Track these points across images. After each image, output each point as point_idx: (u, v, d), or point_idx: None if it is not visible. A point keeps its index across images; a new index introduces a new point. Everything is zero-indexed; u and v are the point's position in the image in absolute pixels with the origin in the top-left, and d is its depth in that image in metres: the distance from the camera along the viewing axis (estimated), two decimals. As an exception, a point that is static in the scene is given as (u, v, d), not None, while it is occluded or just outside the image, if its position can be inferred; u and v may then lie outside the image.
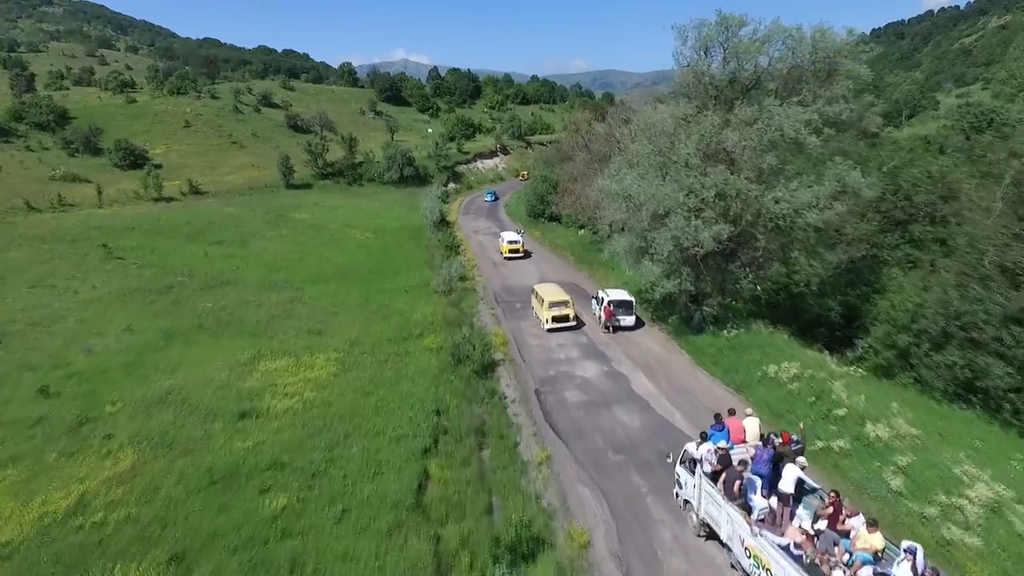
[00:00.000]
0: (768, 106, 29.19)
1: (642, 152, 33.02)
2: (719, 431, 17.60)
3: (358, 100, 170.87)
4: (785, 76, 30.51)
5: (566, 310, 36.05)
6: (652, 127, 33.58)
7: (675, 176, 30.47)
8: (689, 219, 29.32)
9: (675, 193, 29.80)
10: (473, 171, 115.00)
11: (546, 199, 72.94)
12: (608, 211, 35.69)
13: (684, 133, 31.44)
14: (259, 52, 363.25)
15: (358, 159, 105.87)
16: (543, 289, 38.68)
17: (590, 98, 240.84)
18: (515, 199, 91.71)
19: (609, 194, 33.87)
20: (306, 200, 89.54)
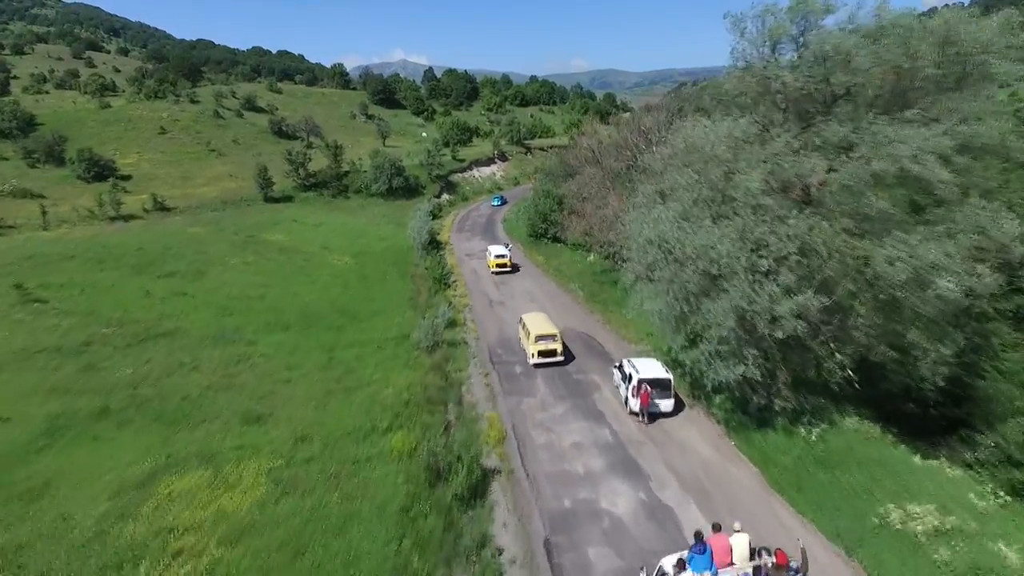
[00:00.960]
0: (873, 125, 20.42)
1: (683, 183, 24.27)
2: (700, 554, 14.60)
3: (349, 103, 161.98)
4: (890, 81, 21.62)
5: (553, 344, 33.55)
6: (696, 149, 24.86)
7: (734, 221, 21.74)
8: (759, 285, 20.62)
9: (736, 248, 21.07)
10: (469, 180, 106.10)
11: (549, 217, 64.17)
12: (635, 258, 26.88)
13: (745, 160, 22.73)
14: (253, 54, 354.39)
15: (344, 168, 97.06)
16: (530, 319, 35.94)
17: (591, 99, 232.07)
18: (515, 213, 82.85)
19: (640, 241, 25.13)
20: (284, 216, 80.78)
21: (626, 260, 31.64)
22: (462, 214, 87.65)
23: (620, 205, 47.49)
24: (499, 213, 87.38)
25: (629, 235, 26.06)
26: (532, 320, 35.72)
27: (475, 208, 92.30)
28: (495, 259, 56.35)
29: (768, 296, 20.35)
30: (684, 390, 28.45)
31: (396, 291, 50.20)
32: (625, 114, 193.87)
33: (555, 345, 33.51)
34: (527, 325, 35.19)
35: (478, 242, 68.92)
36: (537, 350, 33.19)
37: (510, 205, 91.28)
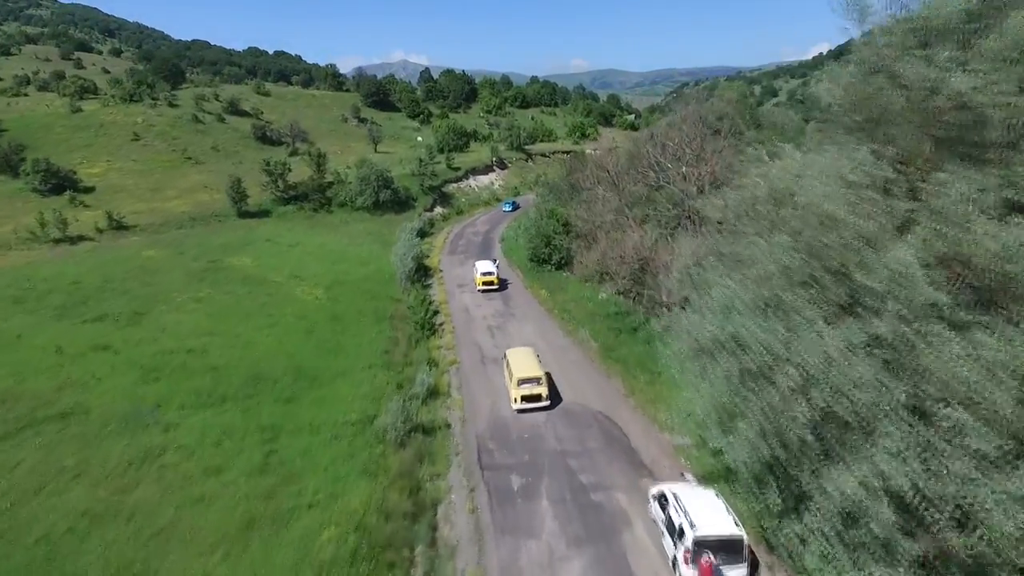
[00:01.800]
0: None
1: (769, 253, 15.37)
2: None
3: (341, 105, 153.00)
4: None
5: (539, 388, 30.61)
6: (785, 199, 15.95)
7: (870, 324, 12.86)
8: (930, 450, 11.71)
9: (883, 375, 12.17)
10: (465, 191, 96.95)
11: (553, 242, 55.20)
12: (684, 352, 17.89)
13: (875, 219, 13.81)
14: (249, 54, 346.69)
15: (327, 179, 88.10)
16: (515, 357, 32.51)
17: (594, 100, 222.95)
18: (515, 231, 73.83)
19: (697, 337, 16.20)
20: (257, 234, 71.87)
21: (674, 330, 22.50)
22: (456, 231, 78.50)
23: (641, 239, 38.63)
24: (498, 229, 78.31)
25: (690, 330, 16.90)
26: (517, 359, 32.27)
27: (470, 223, 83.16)
28: (481, 276, 53.03)
29: (950, 472, 11.38)
30: (753, 528, 19.44)
31: (370, 340, 41.18)
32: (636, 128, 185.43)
33: (540, 389, 30.49)
34: (511, 364, 31.89)
35: (472, 268, 60.00)
36: (520, 395, 30.30)
37: (510, 219, 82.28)
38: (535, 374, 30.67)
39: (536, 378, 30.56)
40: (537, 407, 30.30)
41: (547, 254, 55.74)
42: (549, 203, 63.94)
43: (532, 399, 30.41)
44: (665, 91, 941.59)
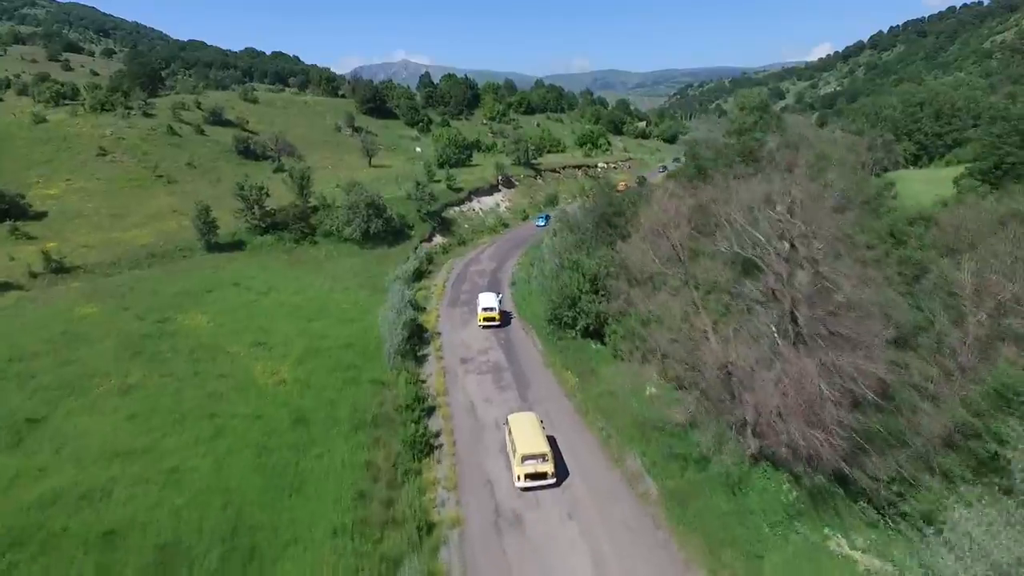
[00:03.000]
0: None
1: None
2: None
3: (335, 113, 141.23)
4: None
5: (544, 466, 28.05)
6: None
7: None
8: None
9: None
10: (468, 216, 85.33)
11: (579, 304, 43.73)
12: None
13: None
14: (245, 55, 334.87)
15: (312, 203, 76.64)
16: (518, 425, 30.16)
17: (602, 105, 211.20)
18: (526, 270, 62.46)
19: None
20: (224, 276, 60.55)
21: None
22: (458, 269, 66.82)
23: (722, 347, 27.17)
24: (507, 266, 66.93)
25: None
26: (520, 427, 30.24)
27: (475, 258, 71.47)
28: (483, 312, 50.07)
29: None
30: None
31: (341, 466, 29.76)
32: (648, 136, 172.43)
33: (546, 467, 28.38)
34: (513, 432, 30.10)
35: (479, 329, 48.61)
36: (524, 472, 28.18)
37: (518, 256, 70.95)
38: (540, 450, 28.48)
39: (541, 454, 28.41)
40: (543, 485, 27.90)
41: (571, 318, 44.27)
42: (568, 244, 52.41)
43: (537, 477, 28.09)
44: (667, 92, 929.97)
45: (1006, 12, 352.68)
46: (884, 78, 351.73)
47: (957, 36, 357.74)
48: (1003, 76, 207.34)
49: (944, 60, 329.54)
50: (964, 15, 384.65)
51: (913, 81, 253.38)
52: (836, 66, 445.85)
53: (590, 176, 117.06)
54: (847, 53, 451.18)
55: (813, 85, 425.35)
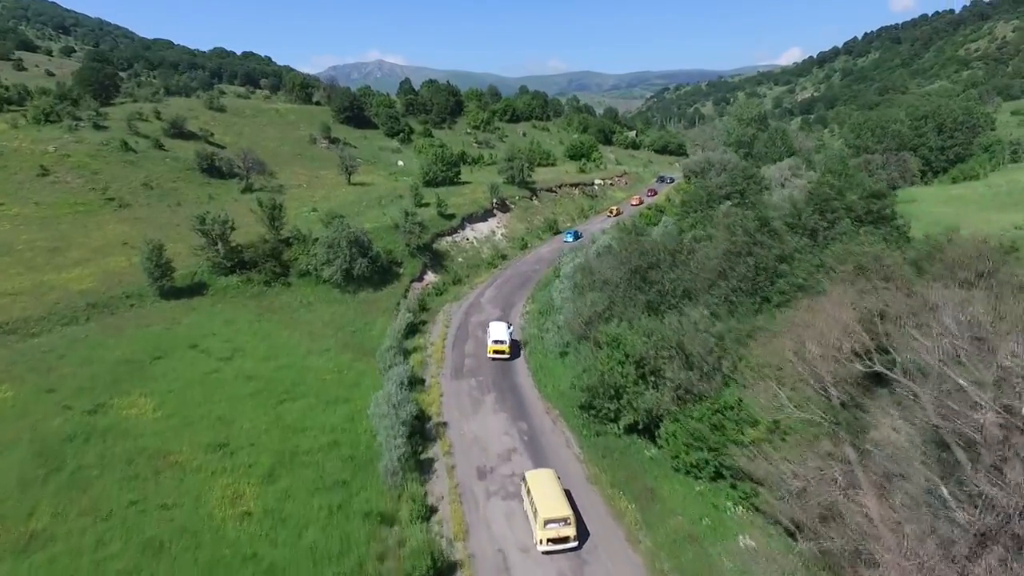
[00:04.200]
0: None
1: None
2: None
3: (309, 122, 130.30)
4: None
5: (566, 530, 27.13)
6: None
7: None
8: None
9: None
10: (461, 247, 75.53)
11: (624, 396, 34.62)
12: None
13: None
14: (214, 55, 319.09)
15: (285, 235, 66.36)
16: (536, 483, 29.30)
17: (589, 114, 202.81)
18: (537, 324, 53.29)
19: None
20: (180, 333, 50.25)
21: None
22: (457, 320, 57.00)
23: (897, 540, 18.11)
24: (514, 313, 57.63)
25: None
26: (539, 486, 29.01)
27: (475, 303, 61.52)
28: (493, 344, 48.46)
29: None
30: None
31: None
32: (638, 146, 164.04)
33: (568, 531, 27.03)
34: (532, 492, 28.78)
35: (497, 414, 39.26)
36: (546, 537, 26.79)
37: (524, 299, 61.75)
38: (563, 514, 27.44)
39: (563, 518, 27.32)
40: (565, 548, 26.82)
41: (613, 411, 35.19)
42: (595, 307, 43.12)
43: (559, 541, 27.03)
44: (642, 94, 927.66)
45: (978, 20, 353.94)
46: (861, 84, 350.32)
47: (932, 43, 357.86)
48: (989, 87, 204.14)
49: (920, 67, 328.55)
50: (938, 22, 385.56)
51: (897, 90, 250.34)
52: (812, 71, 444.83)
53: (587, 195, 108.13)
54: (823, 58, 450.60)
55: (790, 90, 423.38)
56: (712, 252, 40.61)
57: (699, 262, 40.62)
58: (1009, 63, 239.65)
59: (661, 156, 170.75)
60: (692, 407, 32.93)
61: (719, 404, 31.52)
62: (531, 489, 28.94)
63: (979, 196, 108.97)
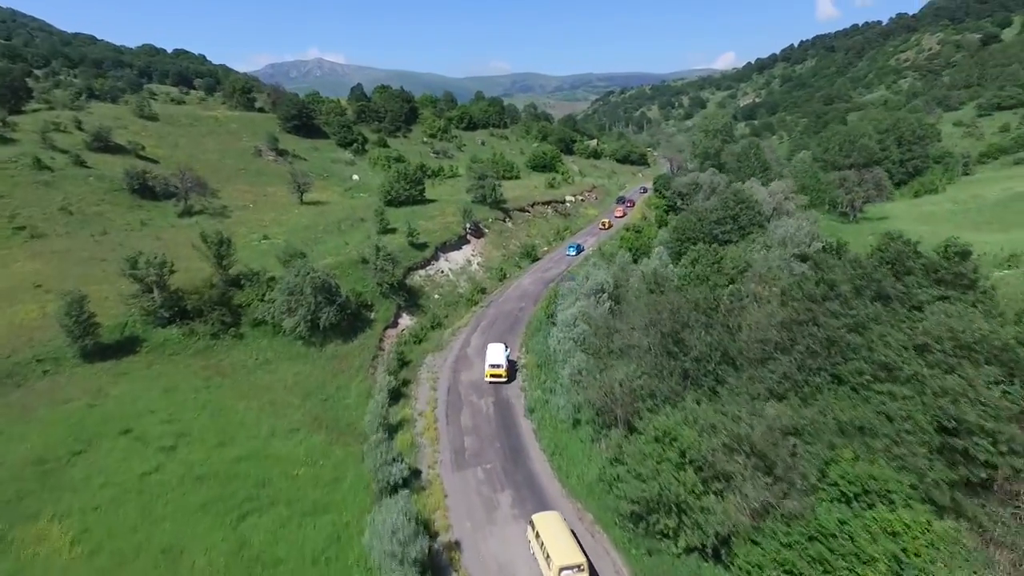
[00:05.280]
0: None
1: None
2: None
3: (253, 132, 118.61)
4: None
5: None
6: None
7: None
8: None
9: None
10: (437, 281, 67.14)
11: (688, 512, 27.73)
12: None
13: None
14: (143, 52, 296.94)
15: (235, 273, 56.74)
16: (546, 527, 28.44)
17: (547, 121, 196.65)
18: (537, 380, 46.01)
19: None
20: (108, 411, 40.48)
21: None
22: (445, 380, 48.67)
23: None
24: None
25: None
26: (550, 531, 28.14)
27: (461, 354, 53.17)
28: (490, 368, 47.67)
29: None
30: None
31: None
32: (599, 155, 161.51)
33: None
34: (542, 536, 27.94)
35: (518, 522, 31.81)
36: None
37: (517, 346, 54.32)
38: (577, 560, 26.55)
39: (578, 565, 26.43)
40: None
41: (671, 528, 28.26)
42: (627, 383, 35.98)
43: None
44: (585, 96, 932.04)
45: (905, 32, 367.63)
46: (800, 90, 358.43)
47: (864, 52, 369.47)
48: (929, 98, 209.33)
49: (856, 75, 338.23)
50: (868, 33, 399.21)
51: (841, 99, 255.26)
52: (752, 77, 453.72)
53: (560, 214, 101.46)
54: (762, 65, 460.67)
55: (732, 95, 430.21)
56: (761, 316, 34.30)
57: (749, 331, 34.21)
58: (943, 73, 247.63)
59: (623, 166, 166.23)
60: (774, 524, 26.47)
61: (815, 527, 25.12)
62: (540, 534, 28.29)
63: (949, 212, 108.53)
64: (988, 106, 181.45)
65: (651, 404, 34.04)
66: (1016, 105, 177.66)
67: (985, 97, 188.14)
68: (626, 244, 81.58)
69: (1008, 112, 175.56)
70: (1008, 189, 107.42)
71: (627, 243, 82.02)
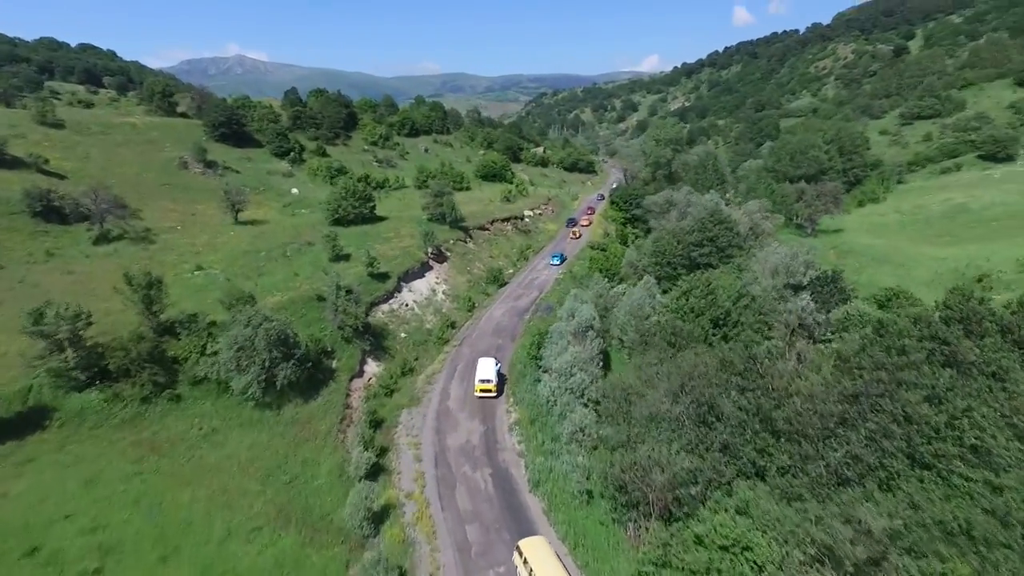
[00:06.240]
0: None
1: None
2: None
3: (177, 141, 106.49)
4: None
5: None
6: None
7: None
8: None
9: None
10: (402, 317, 59.89)
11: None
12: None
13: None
14: (42, 46, 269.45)
15: (166, 317, 47.93)
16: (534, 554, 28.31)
17: (491, 127, 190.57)
18: (545, 455, 40.28)
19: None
20: (7, 516, 31.60)
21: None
22: (429, 442, 41.72)
23: None
24: (498, 430, 43.88)
25: None
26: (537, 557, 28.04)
27: (442, 407, 46.68)
28: (479, 383, 47.64)
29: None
30: None
31: None
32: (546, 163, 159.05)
33: None
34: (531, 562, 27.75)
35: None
36: None
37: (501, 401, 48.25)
38: None
39: None
40: None
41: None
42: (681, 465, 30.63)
43: None
44: (516, 96, 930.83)
45: (821, 41, 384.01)
46: (728, 95, 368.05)
47: (786, 59, 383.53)
48: (854, 106, 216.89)
49: (779, 81, 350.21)
50: (788, 41, 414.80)
51: (772, 105, 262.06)
52: (681, 81, 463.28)
53: (520, 230, 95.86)
54: (689, 69, 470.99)
55: (663, 99, 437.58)
56: (816, 383, 29.77)
57: (803, 400, 29.53)
58: (863, 82, 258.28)
59: (571, 174, 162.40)
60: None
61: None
62: (528, 559, 28.52)
63: (898, 224, 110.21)
64: (909, 115, 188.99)
65: (696, 491, 28.81)
66: (934, 115, 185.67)
67: (906, 106, 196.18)
68: (596, 265, 76.93)
69: (927, 122, 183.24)
70: (948, 200, 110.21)
71: (597, 264, 77.39)
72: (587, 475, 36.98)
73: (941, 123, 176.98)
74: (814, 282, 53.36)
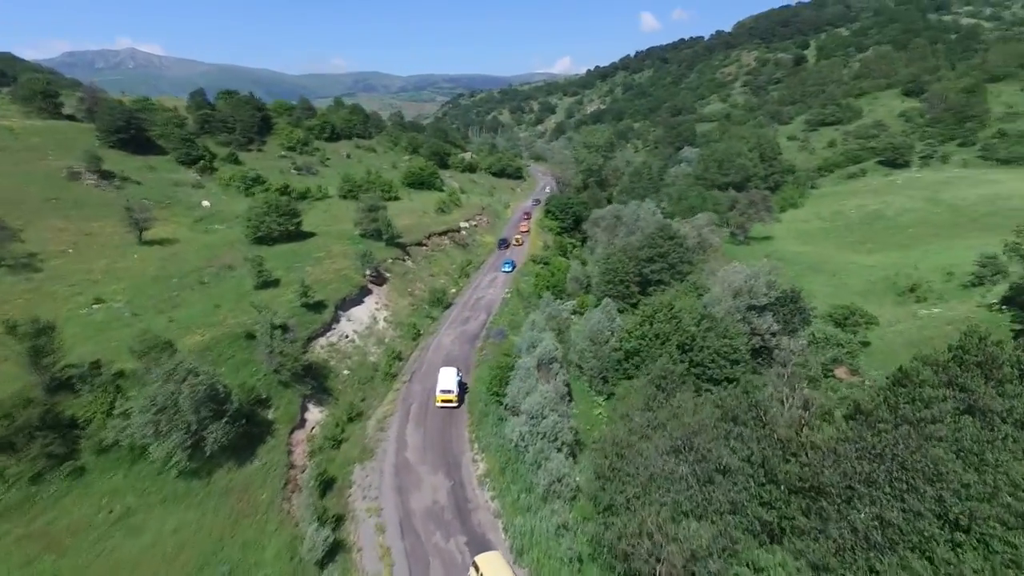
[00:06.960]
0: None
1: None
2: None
3: (64, 148, 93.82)
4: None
5: None
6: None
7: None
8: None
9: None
10: (343, 351, 53.60)
11: None
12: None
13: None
14: None
15: (68, 374, 40.06)
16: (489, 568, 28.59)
17: (415, 131, 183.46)
18: (509, 493, 36.15)
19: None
20: None
21: None
22: (391, 506, 35.91)
23: None
24: (470, 493, 39.31)
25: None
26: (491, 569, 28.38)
27: (397, 455, 41.14)
28: (441, 394, 47.69)
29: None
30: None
31: None
32: (474, 169, 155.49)
33: None
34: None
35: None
36: None
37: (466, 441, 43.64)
38: None
39: None
40: None
41: None
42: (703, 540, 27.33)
43: None
44: (431, 97, 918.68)
45: (726, 48, 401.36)
46: (641, 99, 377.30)
47: (694, 65, 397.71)
48: (763, 112, 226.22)
49: (689, 85, 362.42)
50: (696, 47, 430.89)
51: (688, 110, 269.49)
52: (596, 84, 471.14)
53: (458, 244, 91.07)
54: (604, 73, 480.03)
55: (579, 102, 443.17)
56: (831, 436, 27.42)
57: (821, 456, 27.03)
58: (769, 89, 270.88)
59: (500, 180, 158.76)
60: None
61: None
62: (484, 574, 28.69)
63: (822, 231, 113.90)
64: (814, 122, 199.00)
65: (716, 567, 25.65)
66: (836, 122, 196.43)
67: (811, 113, 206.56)
68: (542, 282, 73.62)
69: (831, 128, 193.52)
70: (863, 207, 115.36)
71: (543, 281, 74.08)
72: (569, 529, 33.42)
73: (843, 130, 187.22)
74: (775, 303, 52.35)
